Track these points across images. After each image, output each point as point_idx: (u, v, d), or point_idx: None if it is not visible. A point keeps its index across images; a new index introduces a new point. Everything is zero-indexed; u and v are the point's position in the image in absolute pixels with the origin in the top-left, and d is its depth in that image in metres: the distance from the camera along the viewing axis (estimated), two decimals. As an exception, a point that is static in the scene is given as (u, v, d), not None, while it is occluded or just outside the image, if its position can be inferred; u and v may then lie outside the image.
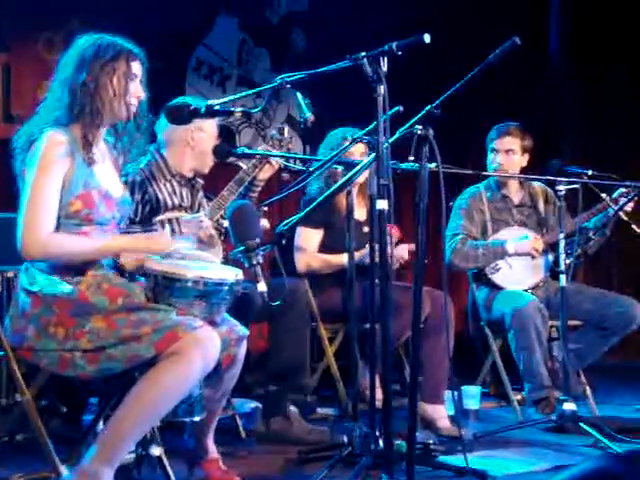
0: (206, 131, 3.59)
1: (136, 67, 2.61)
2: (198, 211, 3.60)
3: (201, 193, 3.68)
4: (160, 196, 3.48)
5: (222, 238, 3.60)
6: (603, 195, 4.12)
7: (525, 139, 4.40)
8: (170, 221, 3.41)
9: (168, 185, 3.54)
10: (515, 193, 4.51)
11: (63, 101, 2.54)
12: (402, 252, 3.93)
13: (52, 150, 2.46)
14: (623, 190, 4.10)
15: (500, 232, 4.40)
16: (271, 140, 3.69)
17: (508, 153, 4.36)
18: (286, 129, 3.70)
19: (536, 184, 4.55)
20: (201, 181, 3.69)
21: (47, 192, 2.44)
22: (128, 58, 2.59)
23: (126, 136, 2.68)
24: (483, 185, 4.54)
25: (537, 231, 4.42)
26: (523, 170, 4.43)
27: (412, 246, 3.82)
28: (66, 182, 2.48)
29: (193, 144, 3.57)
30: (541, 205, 4.51)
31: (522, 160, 4.41)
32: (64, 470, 2.54)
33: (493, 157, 4.41)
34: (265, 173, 3.65)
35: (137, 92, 2.62)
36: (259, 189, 3.71)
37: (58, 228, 2.48)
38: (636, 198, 4.13)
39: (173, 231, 3.40)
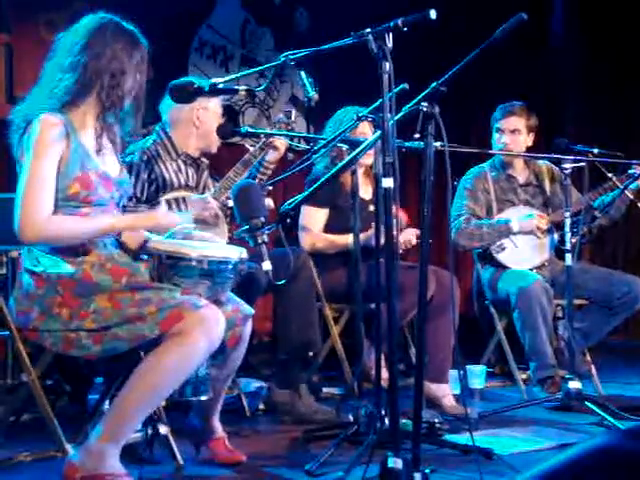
0: (211, 110, 3.58)
1: None
2: (203, 191, 3.60)
3: (206, 173, 3.67)
4: (166, 175, 3.48)
5: (228, 220, 3.59)
6: (609, 174, 4.10)
7: (530, 119, 4.37)
8: (177, 200, 3.41)
9: (174, 164, 3.54)
10: (520, 172, 4.49)
11: (72, 82, 2.49)
12: (410, 237, 3.91)
13: (48, 132, 2.43)
14: (634, 170, 4.07)
15: (505, 212, 4.39)
16: (277, 124, 3.67)
17: (513, 133, 4.34)
18: (293, 112, 3.68)
19: (542, 163, 4.53)
20: (206, 161, 3.68)
21: (44, 174, 2.42)
22: (144, 51, 2.61)
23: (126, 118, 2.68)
24: (488, 165, 4.52)
25: (543, 210, 4.41)
26: (529, 149, 4.41)
27: (419, 231, 3.80)
28: (63, 165, 2.46)
29: (198, 124, 3.57)
30: (547, 184, 4.49)
31: (527, 140, 4.39)
32: (70, 449, 2.56)
33: (498, 137, 4.38)
34: (272, 156, 3.65)
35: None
36: (269, 172, 3.69)
37: (57, 211, 2.46)
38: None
39: (180, 211, 3.40)
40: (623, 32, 6.56)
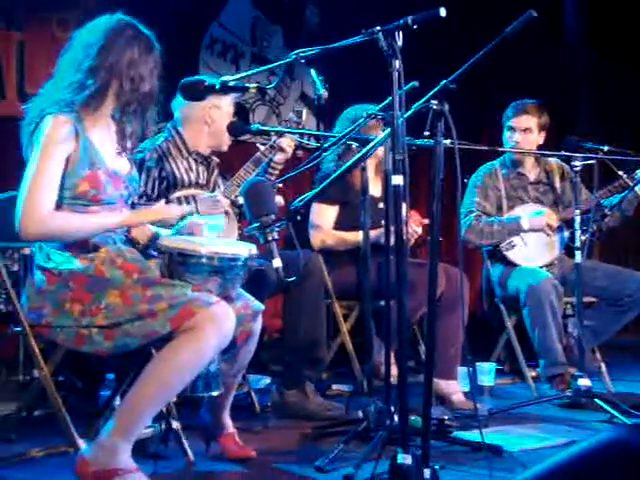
0: (223, 109, 3.58)
1: None
2: (213, 189, 3.60)
3: (216, 172, 3.68)
4: (177, 173, 3.49)
5: (238, 217, 3.60)
6: (620, 172, 4.09)
7: (542, 117, 4.35)
8: (187, 198, 3.42)
9: (185, 162, 3.54)
10: (531, 170, 4.49)
11: (92, 88, 2.50)
12: (415, 227, 3.88)
13: (57, 131, 2.45)
14: None
15: (515, 209, 4.38)
16: (288, 123, 3.68)
17: (525, 131, 4.33)
18: (304, 112, 3.68)
19: (552, 160, 4.52)
20: (217, 160, 3.69)
21: (49, 172, 2.43)
22: (158, 55, 2.63)
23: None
24: (498, 162, 4.52)
25: (553, 208, 4.40)
26: (540, 147, 4.40)
27: (425, 220, 3.80)
28: (72, 163, 2.47)
29: (210, 122, 3.57)
30: (557, 182, 4.48)
31: (539, 138, 4.38)
32: (82, 444, 2.57)
33: (510, 135, 4.37)
34: (279, 157, 3.66)
35: None
36: (277, 172, 3.70)
37: (65, 209, 2.46)
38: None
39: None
40: (636, 31, 6.54)
